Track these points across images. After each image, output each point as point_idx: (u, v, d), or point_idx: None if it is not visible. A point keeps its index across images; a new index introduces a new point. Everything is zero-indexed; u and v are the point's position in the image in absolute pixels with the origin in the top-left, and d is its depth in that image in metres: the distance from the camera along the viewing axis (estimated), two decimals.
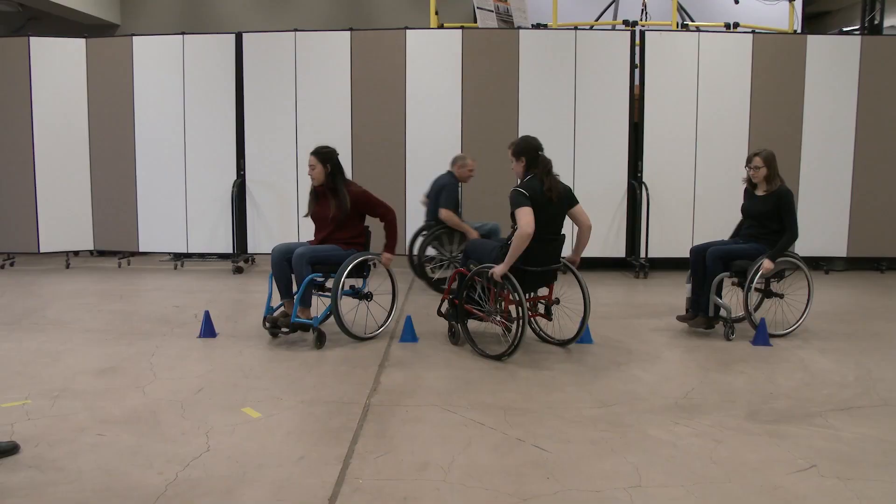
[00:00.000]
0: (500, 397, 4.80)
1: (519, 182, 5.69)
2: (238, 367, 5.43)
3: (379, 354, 5.76)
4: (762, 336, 6.08)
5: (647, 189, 9.35)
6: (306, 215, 6.59)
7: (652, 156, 9.43)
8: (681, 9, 11.34)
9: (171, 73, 9.75)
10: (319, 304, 6.41)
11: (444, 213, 7.83)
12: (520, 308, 5.45)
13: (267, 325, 6.12)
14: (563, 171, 9.25)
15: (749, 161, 6.39)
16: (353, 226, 6.33)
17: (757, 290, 6.38)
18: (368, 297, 6.34)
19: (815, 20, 15.12)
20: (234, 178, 9.71)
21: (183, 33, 9.85)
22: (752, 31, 9.63)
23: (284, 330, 6.06)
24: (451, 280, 6.08)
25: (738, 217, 6.62)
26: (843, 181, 9.53)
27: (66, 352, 5.80)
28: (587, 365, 5.52)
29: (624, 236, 9.55)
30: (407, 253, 8.47)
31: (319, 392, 4.89)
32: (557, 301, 5.99)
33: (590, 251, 8.19)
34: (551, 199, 5.57)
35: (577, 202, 5.80)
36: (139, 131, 9.80)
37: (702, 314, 6.28)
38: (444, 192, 7.90)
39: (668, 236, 9.51)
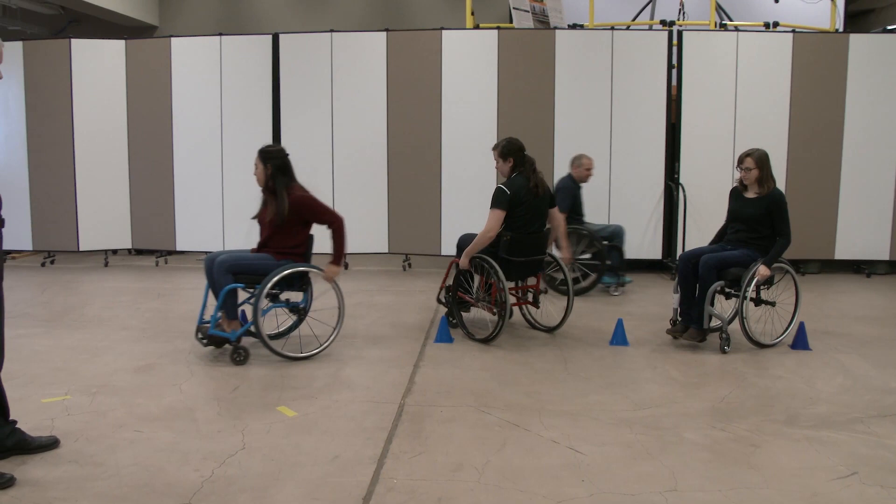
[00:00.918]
0: (536, 399, 4.78)
1: (506, 180, 6.15)
2: (274, 365, 5.46)
3: (414, 355, 5.76)
4: (801, 340, 5.98)
5: (683, 190, 9.26)
6: (253, 218, 6.03)
7: (689, 157, 9.34)
8: (719, 8, 11.21)
9: (209, 74, 9.84)
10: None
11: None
12: (501, 294, 5.88)
13: (199, 335, 5.79)
14: (599, 172, 9.26)
15: (740, 162, 6.04)
16: (292, 233, 5.68)
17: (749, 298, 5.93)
18: (301, 312, 5.85)
19: (858, 18, 14.86)
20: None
21: (220, 34, 9.94)
22: (793, 31, 9.49)
23: (204, 341, 5.73)
24: (448, 270, 6.45)
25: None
26: (885, 183, 9.35)
27: (104, 349, 5.88)
28: (623, 367, 5.47)
29: (660, 238, 9.46)
30: None
31: (354, 392, 4.90)
32: (545, 290, 6.49)
33: (627, 251, 8.16)
34: (537, 195, 6.07)
35: (555, 203, 6.39)
36: (177, 131, 9.90)
37: (694, 326, 5.90)
38: (559, 195, 7.79)
39: (706, 238, 9.28)
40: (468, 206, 9.45)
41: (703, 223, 9.35)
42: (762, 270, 5.76)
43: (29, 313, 7.15)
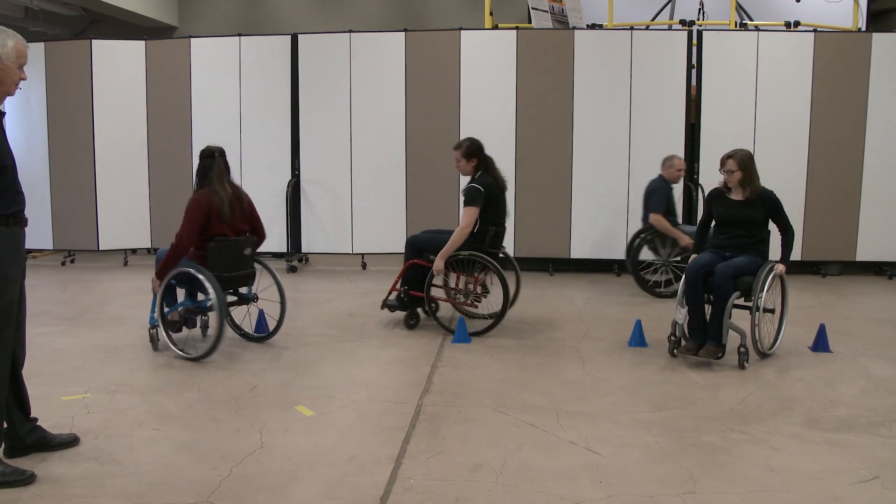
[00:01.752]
0: (553, 399, 4.77)
1: (471, 179, 6.36)
2: (292, 365, 5.48)
3: (431, 355, 5.76)
4: (822, 342, 5.92)
5: (703, 191, 9.20)
6: None
7: (709, 157, 9.25)
8: (739, 8, 11.14)
9: (228, 75, 9.89)
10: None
11: (654, 218, 7.79)
12: (504, 285, 6.19)
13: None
14: (618, 172, 9.23)
15: (722, 164, 5.75)
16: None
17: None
18: (205, 311, 5.86)
19: (881, 17, 14.70)
20: (289, 178, 9.80)
21: (240, 35, 9.98)
22: (814, 30, 9.40)
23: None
24: (402, 271, 6.44)
25: (798, 219, 6.37)
26: None
27: (124, 347, 5.91)
28: (641, 368, 5.45)
29: None
30: (626, 257, 8.33)
31: (372, 391, 4.90)
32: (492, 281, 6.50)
33: (646, 253, 8.11)
34: (503, 189, 6.44)
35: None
36: (196, 131, 9.95)
37: (712, 342, 5.46)
38: (652, 196, 7.83)
39: None
40: None
41: None
42: (781, 269, 5.61)
43: (49, 312, 7.21)
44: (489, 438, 4.11)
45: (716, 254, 5.70)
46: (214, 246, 5.52)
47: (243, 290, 5.99)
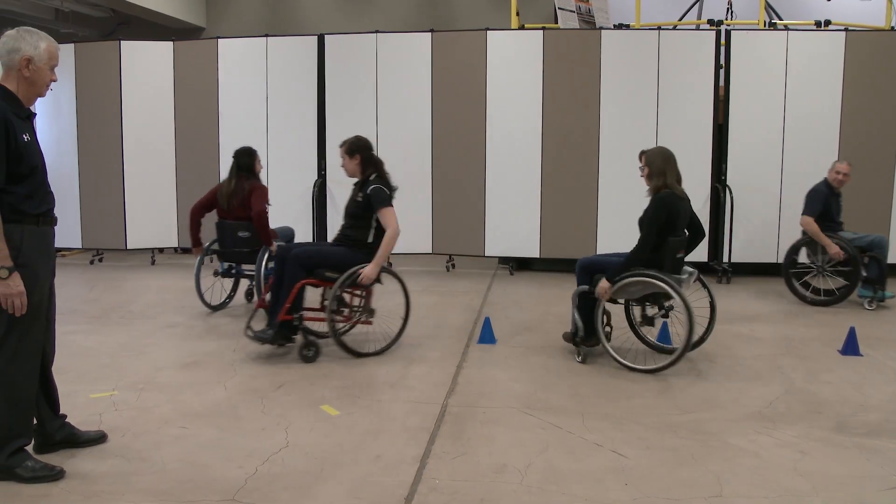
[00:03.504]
0: (579, 401, 4.74)
1: (365, 180, 5.89)
2: (317, 364, 5.50)
3: (457, 355, 5.75)
4: (852, 345, 5.85)
5: (730, 192, 9.13)
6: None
7: (736, 158, 9.20)
8: (768, 7, 11.03)
9: (255, 75, 9.95)
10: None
11: (803, 221, 7.61)
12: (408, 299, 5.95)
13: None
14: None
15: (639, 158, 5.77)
16: None
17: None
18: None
19: None
20: (315, 177, 9.83)
21: (266, 35, 10.05)
22: (845, 29, 9.29)
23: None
24: (293, 295, 5.51)
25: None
26: None
27: (150, 346, 5.96)
28: (668, 371, 5.40)
29: (707, 240, 9.31)
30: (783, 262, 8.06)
31: (397, 391, 4.91)
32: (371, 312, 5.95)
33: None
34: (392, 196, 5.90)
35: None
36: (223, 131, 10.02)
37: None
38: (808, 198, 7.62)
39: (753, 240, 9.26)
40: (512, 208, 9.43)
41: (751, 225, 9.23)
42: (602, 284, 5.36)
43: (78, 310, 7.29)
44: (514, 440, 4.10)
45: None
46: (216, 224, 7.02)
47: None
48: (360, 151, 5.93)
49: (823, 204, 7.61)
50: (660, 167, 5.53)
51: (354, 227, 5.84)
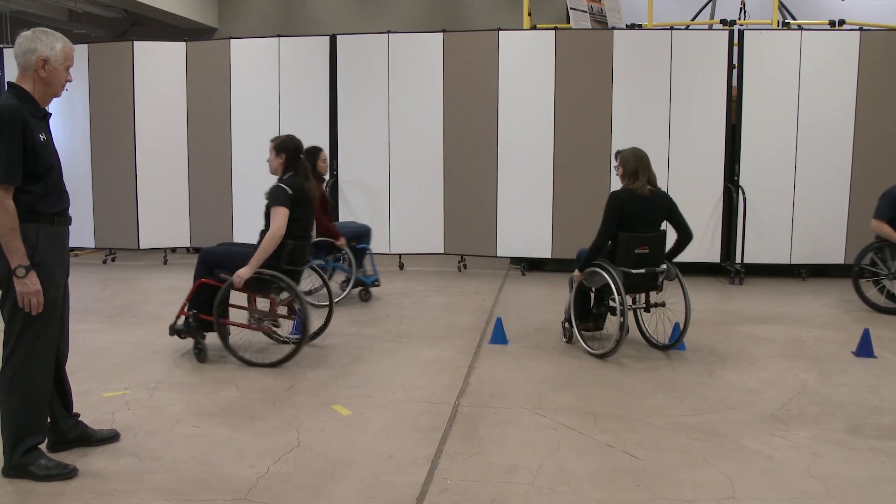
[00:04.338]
0: (590, 402, 4.74)
1: (279, 179, 5.65)
2: (329, 364, 5.51)
3: (469, 356, 5.75)
4: (866, 347, 5.82)
5: (743, 193, 9.09)
6: None
7: (750, 159, 9.16)
8: (782, 6, 10.99)
9: (267, 75, 9.97)
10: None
11: (874, 224, 7.40)
12: (298, 303, 5.57)
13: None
14: (657, 173, 9.08)
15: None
16: None
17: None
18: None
19: None
20: (328, 178, 9.84)
21: (279, 36, 10.06)
22: (860, 29, 9.23)
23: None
24: (192, 292, 5.54)
25: (841, 222, 6.15)
26: None
27: (163, 345, 5.98)
28: (680, 372, 5.39)
29: (719, 241, 9.29)
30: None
31: (409, 392, 4.91)
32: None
33: (683, 255, 8.01)
34: (310, 200, 5.65)
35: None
36: (235, 132, 10.05)
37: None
38: (881, 201, 7.43)
39: (766, 242, 9.22)
40: (524, 208, 9.42)
41: (764, 226, 9.19)
42: (576, 275, 5.91)
43: (91, 309, 7.32)
44: (525, 440, 4.10)
45: None
46: None
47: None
48: (287, 151, 5.68)
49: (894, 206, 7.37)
50: (633, 167, 5.77)
51: (265, 227, 5.57)
